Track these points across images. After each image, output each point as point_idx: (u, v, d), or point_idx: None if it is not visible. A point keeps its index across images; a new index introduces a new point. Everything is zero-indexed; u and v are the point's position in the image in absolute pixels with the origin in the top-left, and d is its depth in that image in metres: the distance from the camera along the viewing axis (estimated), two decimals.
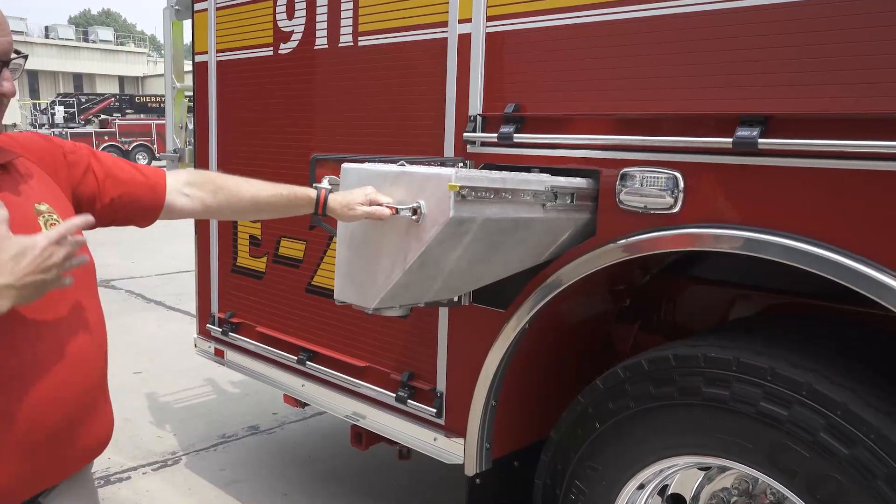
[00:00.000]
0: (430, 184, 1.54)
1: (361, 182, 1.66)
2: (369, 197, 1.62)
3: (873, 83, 1.39)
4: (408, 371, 2.34)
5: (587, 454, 1.91)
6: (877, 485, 1.42)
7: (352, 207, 1.60)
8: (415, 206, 1.55)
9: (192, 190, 1.63)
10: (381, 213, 1.57)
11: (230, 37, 2.92)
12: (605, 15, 1.77)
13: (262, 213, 1.77)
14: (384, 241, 1.62)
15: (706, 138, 1.60)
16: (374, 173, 1.65)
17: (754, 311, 2.22)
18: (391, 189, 1.61)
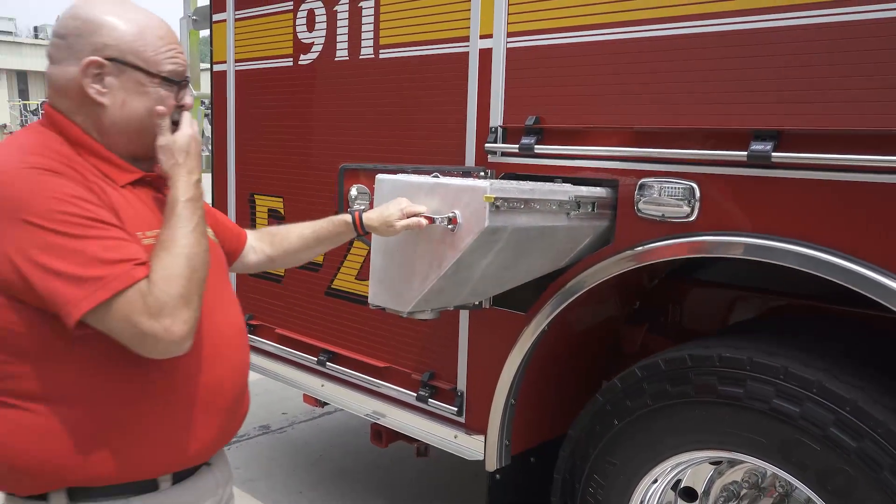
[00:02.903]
0: (465, 195, 1.63)
1: (396, 192, 1.74)
2: (405, 210, 1.69)
3: (880, 102, 1.50)
4: (429, 371, 2.43)
5: (605, 450, 2.00)
6: (883, 476, 1.53)
7: (391, 224, 1.68)
8: (451, 216, 1.63)
9: (258, 244, 1.76)
10: (419, 224, 1.65)
11: (249, 47, 3.00)
12: (624, 34, 1.87)
13: (312, 251, 1.82)
14: (419, 249, 1.70)
15: (722, 151, 1.71)
16: (409, 184, 1.74)
17: (758, 312, 2.33)
18: (426, 199, 1.69)
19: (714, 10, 1.71)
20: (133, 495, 1.32)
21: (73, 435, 1.26)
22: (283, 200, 2.90)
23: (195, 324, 1.25)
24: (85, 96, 1.31)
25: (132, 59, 1.33)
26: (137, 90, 1.34)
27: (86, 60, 1.30)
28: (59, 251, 1.18)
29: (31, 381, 1.25)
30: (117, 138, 1.35)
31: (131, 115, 1.35)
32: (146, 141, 1.37)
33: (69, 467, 1.27)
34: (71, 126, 1.32)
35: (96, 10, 1.33)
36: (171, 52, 1.38)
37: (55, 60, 1.34)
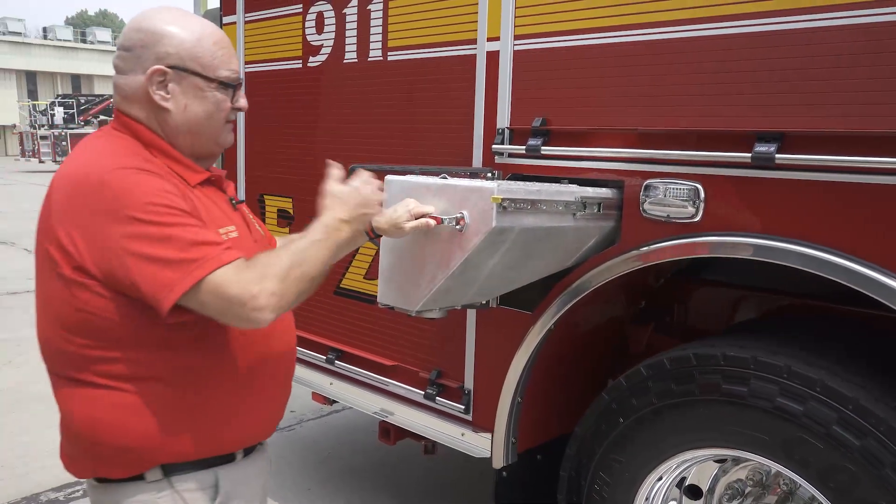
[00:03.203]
0: (473, 196, 1.65)
1: (404, 193, 1.76)
2: (412, 211, 1.70)
3: (883, 104, 1.52)
4: (436, 369, 2.46)
5: (611, 447, 2.03)
6: (885, 473, 1.55)
7: (399, 226, 1.68)
8: (458, 217, 1.65)
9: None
10: (428, 225, 1.67)
11: (259, 49, 3.03)
12: (629, 37, 1.89)
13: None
14: (427, 249, 1.72)
15: (726, 153, 1.73)
16: (417, 185, 1.75)
17: (763, 312, 2.35)
18: (434, 200, 1.70)
19: (718, 13, 1.73)
20: (217, 466, 1.46)
21: (169, 413, 1.38)
22: (293, 201, 2.94)
23: (280, 304, 1.34)
24: (151, 102, 1.43)
25: (192, 65, 1.44)
26: (197, 95, 1.45)
27: (150, 70, 1.41)
28: (155, 240, 1.29)
29: (127, 365, 1.36)
30: (182, 140, 1.47)
31: (193, 118, 1.46)
32: (207, 141, 1.50)
33: (165, 444, 1.39)
34: (144, 130, 1.44)
35: (157, 21, 1.44)
36: (225, 57, 1.49)
37: (122, 70, 1.45)
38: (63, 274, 1.32)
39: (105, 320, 1.33)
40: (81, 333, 1.34)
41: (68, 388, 1.39)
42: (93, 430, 1.38)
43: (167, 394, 1.38)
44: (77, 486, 3.40)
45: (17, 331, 6.05)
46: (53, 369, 1.43)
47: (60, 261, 1.32)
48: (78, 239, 1.30)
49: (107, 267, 1.30)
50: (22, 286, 7.76)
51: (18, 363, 5.25)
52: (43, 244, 1.37)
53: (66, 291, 1.33)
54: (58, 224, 1.33)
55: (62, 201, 1.34)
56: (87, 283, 1.31)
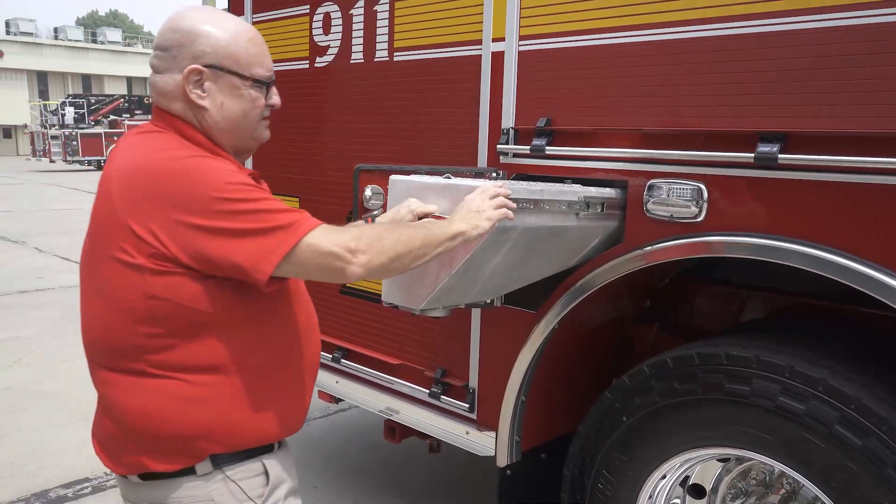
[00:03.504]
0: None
1: (409, 193, 1.78)
2: (415, 211, 1.74)
3: (885, 104, 1.52)
4: (441, 368, 2.47)
5: (614, 446, 2.04)
6: (887, 472, 1.55)
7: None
8: None
9: None
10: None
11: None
12: (632, 37, 1.90)
13: None
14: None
15: (729, 153, 1.74)
16: (421, 185, 1.77)
17: (768, 312, 2.35)
18: (437, 199, 1.73)
19: (723, 14, 1.74)
20: (262, 455, 1.49)
21: (226, 402, 1.42)
22: (299, 200, 2.96)
23: (371, 264, 1.40)
24: (189, 100, 1.46)
25: (227, 63, 1.46)
26: (233, 92, 1.49)
27: (187, 69, 1.44)
28: (244, 214, 1.34)
29: (190, 354, 1.39)
30: (220, 136, 1.50)
31: (229, 116, 1.49)
32: (243, 137, 1.54)
33: (221, 433, 1.41)
34: (188, 127, 1.48)
35: (192, 20, 1.46)
36: (260, 55, 1.52)
37: (159, 70, 1.48)
38: (135, 263, 1.34)
39: (182, 307, 1.36)
40: (149, 322, 1.36)
41: (124, 381, 1.41)
42: (149, 422, 1.39)
43: (226, 382, 1.41)
44: (86, 483, 3.45)
45: (26, 329, 6.12)
46: (105, 362, 1.44)
47: (132, 251, 1.34)
48: (157, 229, 1.33)
49: (197, 251, 1.33)
50: (31, 285, 7.84)
51: (28, 361, 5.30)
52: (101, 238, 1.39)
53: (137, 280, 1.35)
54: (127, 217, 1.34)
55: (130, 194, 1.36)
56: (170, 270, 1.34)
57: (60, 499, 3.30)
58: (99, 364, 1.45)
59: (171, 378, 1.38)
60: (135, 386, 1.39)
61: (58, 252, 9.86)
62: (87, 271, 1.46)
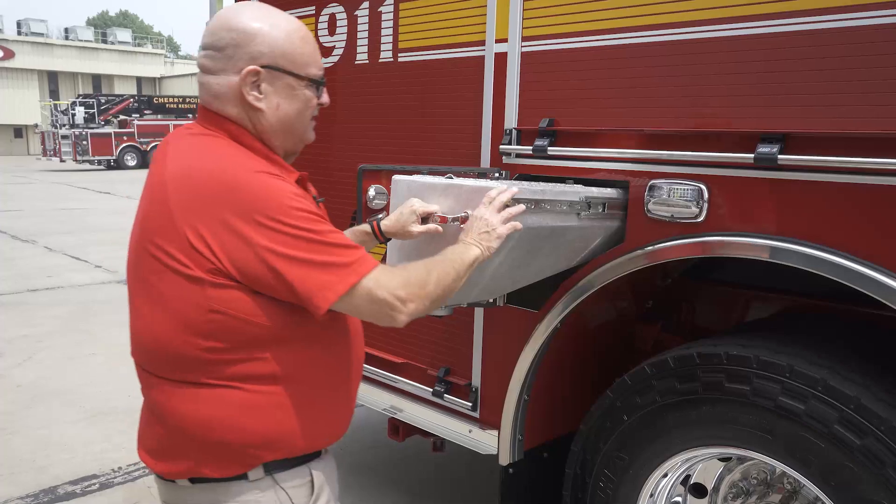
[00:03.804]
0: (477, 196, 1.67)
1: (412, 193, 1.79)
2: (417, 211, 1.74)
3: (884, 105, 1.53)
4: (444, 367, 2.49)
5: (615, 445, 2.05)
6: (886, 472, 1.56)
7: (408, 229, 1.75)
8: (463, 216, 1.67)
9: None
10: (436, 230, 1.72)
11: None
12: (635, 38, 1.91)
13: None
14: (433, 248, 1.73)
15: (729, 154, 1.74)
16: (423, 185, 1.78)
17: (770, 312, 2.36)
18: (440, 199, 1.74)
19: (722, 15, 1.75)
20: (309, 462, 1.48)
21: (284, 410, 1.40)
22: None
23: (418, 310, 1.42)
24: (244, 103, 1.42)
25: (284, 64, 1.42)
26: (288, 93, 1.45)
27: (245, 70, 1.39)
28: (306, 243, 1.31)
29: (251, 364, 1.37)
30: (273, 139, 1.46)
31: (284, 117, 1.45)
32: (295, 139, 1.51)
33: (277, 441, 1.41)
34: (242, 132, 1.43)
35: (247, 19, 1.41)
36: (313, 54, 1.48)
37: (212, 71, 1.43)
38: (195, 276, 1.30)
39: (242, 321, 1.33)
40: (211, 336, 1.33)
41: (181, 391, 1.38)
42: (207, 430, 1.37)
43: (282, 392, 1.39)
44: (93, 480, 3.48)
45: (37, 327, 6.17)
46: (162, 372, 1.40)
47: (189, 262, 1.30)
48: (211, 240, 1.29)
49: (249, 269, 1.30)
50: (41, 284, 7.90)
51: (39, 359, 5.35)
52: (157, 244, 1.34)
53: (198, 293, 1.31)
54: (184, 225, 1.30)
55: (187, 204, 1.32)
56: (226, 283, 1.31)
57: (68, 495, 3.34)
58: (153, 374, 1.42)
59: (230, 388, 1.36)
60: (193, 395, 1.37)
61: (67, 251, 9.94)
62: (140, 279, 1.41)
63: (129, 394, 4.63)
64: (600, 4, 1.98)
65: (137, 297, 1.42)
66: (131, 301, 1.44)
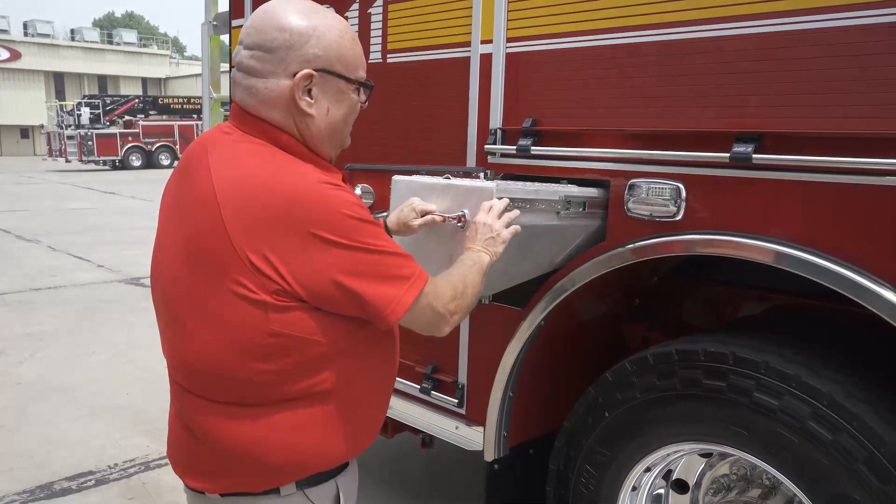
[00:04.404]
0: (474, 195, 1.72)
1: (411, 192, 1.85)
2: (417, 209, 1.79)
3: (858, 105, 1.55)
4: (431, 364, 2.52)
5: (597, 441, 2.07)
6: (857, 467, 1.58)
7: (409, 224, 1.79)
8: (460, 215, 1.72)
9: None
10: (435, 221, 1.76)
11: None
12: (616, 39, 1.94)
13: None
14: (431, 246, 1.80)
15: (706, 153, 1.77)
16: (422, 185, 1.83)
17: (758, 310, 2.38)
18: (437, 199, 1.79)
19: (700, 16, 1.77)
20: (337, 476, 1.45)
21: (326, 426, 1.38)
22: None
23: (459, 319, 1.49)
24: (295, 107, 1.34)
25: (337, 67, 1.36)
26: (338, 98, 1.39)
27: (300, 74, 1.32)
28: (371, 256, 1.29)
29: (304, 383, 1.34)
30: (320, 144, 1.40)
31: (333, 122, 1.40)
32: (338, 143, 1.46)
33: (316, 457, 1.39)
34: (288, 138, 1.36)
35: (297, 18, 1.32)
36: (361, 55, 1.43)
37: (260, 73, 1.34)
38: (258, 299, 1.25)
39: (302, 341, 1.29)
40: (268, 359, 1.29)
41: (226, 411, 1.34)
42: (250, 451, 1.34)
43: (329, 407, 1.37)
44: (90, 476, 3.52)
45: (39, 325, 6.23)
46: (207, 393, 1.36)
47: (253, 285, 1.24)
48: (277, 261, 1.24)
49: (316, 287, 1.26)
50: (45, 283, 7.97)
51: (39, 357, 5.40)
52: (212, 265, 1.28)
53: (260, 318, 1.26)
54: (244, 247, 1.24)
55: (246, 222, 1.25)
56: (290, 305, 1.27)
57: (64, 491, 3.38)
58: (198, 394, 1.37)
59: (277, 409, 1.34)
60: (237, 415, 1.34)
61: (71, 251, 10.01)
62: (193, 300, 1.33)
63: (129, 391, 4.68)
64: (582, 6, 2.01)
65: (186, 316, 1.34)
66: (175, 318, 1.38)
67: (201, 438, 1.39)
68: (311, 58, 1.33)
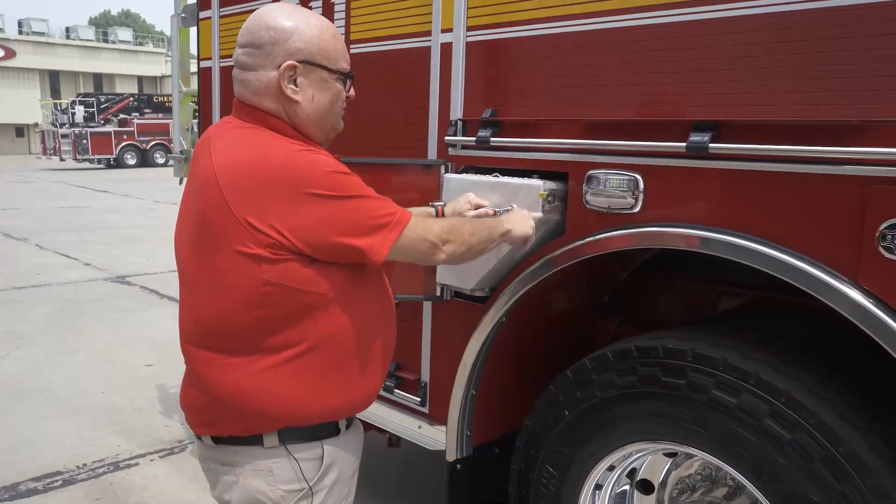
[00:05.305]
0: (522, 191, 1.93)
1: (463, 189, 2.05)
2: (472, 202, 1.99)
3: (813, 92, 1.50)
4: (395, 362, 2.46)
5: (557, 440, 2.02)
6: (815, 466, 1.52)
7: (463, 215, 1.96)
8: (509, 209, 1.92)
9: None
10: (486, 213, 1.95)
11: (233, 43, 3.04)
12: (573, 26, 1.88)
13: None
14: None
15: (663, 142, 1.71)
16: (473, 182, 2.07)
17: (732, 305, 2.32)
18: (488, 195, 1.99)
19: (656, 2, 1.71)
20: (324, 439, 1.57)
21: (311, 378, 1.51)
22: None
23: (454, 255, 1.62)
24: (282, 95, 1.53)
25: (318, 59, 1.55)
26: (322, 86, 1.57)
27: (284, 65, 1.51)
28: (358, 202, 1.47)
29: (293, 334, 1.49)
30: (309, 128, 1.59)
31: (319, 108, 1.58)
32: (328, 128, 1.64)
33: (300, 407, 1.51)
34: (280, 123, 1.55)
35: (281, 18, 1.52)
36: (343, 49, 1.61)
37: (251, 67, 1.54)
38: (253, 253, 1.42)
39: (295, 291, 1.45)
40: (264, 306, 1.45)
41: (219, 359, 1.51)
42: (235, 395, 1.49)
43: (313, 360, 1.50)
44: (57, 476, 3.46)
45: (21, 324, 6.16)
46: (206, 342, 1.53)
47: (249, 242, 1.42)
48: (275, 220, 1.41)
49: (314, 239, 1.43)
50: (29, 281, 7.90)
51: (17, 356, 5.34)
52: (215, 233, 1.46)
53: (255, 269, 1.43)
54: (243, 212, 1.41)
55: (244, 193, 1.42)
56: (285, 257, 1.43)
57: (30, 491, 3.32)
58: (198, 344, 1.54)
59: (263, 356, 1.48)
60: (233, 364, 1.49)
61: (59, 249, 9.94)
62: (195, 262, 1.52)
63: (105, 390, 4.62)
64: None
65: (194, 278, 1.54)
66: (185, 282, 1.57)
67: (199, 386, 1.56)
68: (294, 51, 1.51)
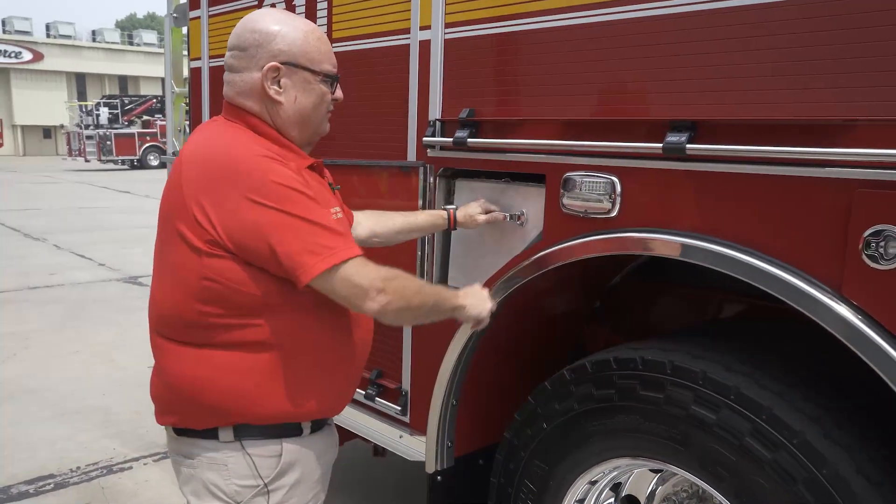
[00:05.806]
0: (531, 195, 1.90)
1: (474, 194, 2.06)
2: (483, 206, 2.00)
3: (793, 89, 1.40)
4: (376, 369, 2.39)
5: (535, 453, 1.93)
6: (798, 489, 1.42)
7: (475, 219, 1.99)
8: (519, 213, 1.94)
9: (364, 220, 1.99)
10: (497, 218, 1.97)
11: (221, 43, 3.01)
12: (550, 22, 1.79)
13: (407, 234, 2.07)
14: (489, 238, 2.04)
15: (640, 143, 1.62)
16: (484, 188, 2.05)
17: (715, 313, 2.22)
18: (500, 199, 1.99)
19: None
20: (284, 438, 1.57)
21: (263, 375, 1.50)
22: None
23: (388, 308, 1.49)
24: (265, 96, 1.55)
25: (302, 61, 1.56)
26: (305, 87, 1.58)
27: (267, 66, 1.53)
28: (295, 220, 1.42)
29: (240, 330, 1.48)
30: (291, 129, 1.60)
31: (302, 109, 1.59)
32: (312, 129, 1.64)
33: (252, 405, 1.51)
34: (257, 121, 1.57)
35: (267, 22, 1.55)
36: (327, 52, 1.62)
37: (237, 69, 1.57)
38: (195, 246, 1.44)
39: (232, 290, 1.45)
40: (205, 301, 1.46)
41: (177, 350, 1.52)
42: (192, 387, 1.51)
43: (266, 361, 1.50)
44: (49, 480, 3.44)
45: (26, 324, 6.20)
46: (164, 332, 1.55)
47: (191, 234, 1.44)
48: (213, 215, 1.42)
49: (243, 242, 1.42)
50: (42, 281, 7.97)
51: (22, 357, 5.36)
52: (171, 219, 1.49)
53: (196, 262, 1.45)
54: (191, 200, 1.44)
55: (195, 181, 1.45)
56: (221, 254, 1.44)
57: (21, 494, 3.30)
58: (158, 333, 1.57)
59: (221, 351, 1.49)
60: (187, 356, 1.51)
61: (75, 249, 10.03)
62: (160, 248, 1.56)
63: (104, 392, 4.61)
64: None
65: (158, 264, 1.57)
66: (154, 268, 1.59)
67: (163, 377, 1.57)
68: (277, 52, 1.54)
